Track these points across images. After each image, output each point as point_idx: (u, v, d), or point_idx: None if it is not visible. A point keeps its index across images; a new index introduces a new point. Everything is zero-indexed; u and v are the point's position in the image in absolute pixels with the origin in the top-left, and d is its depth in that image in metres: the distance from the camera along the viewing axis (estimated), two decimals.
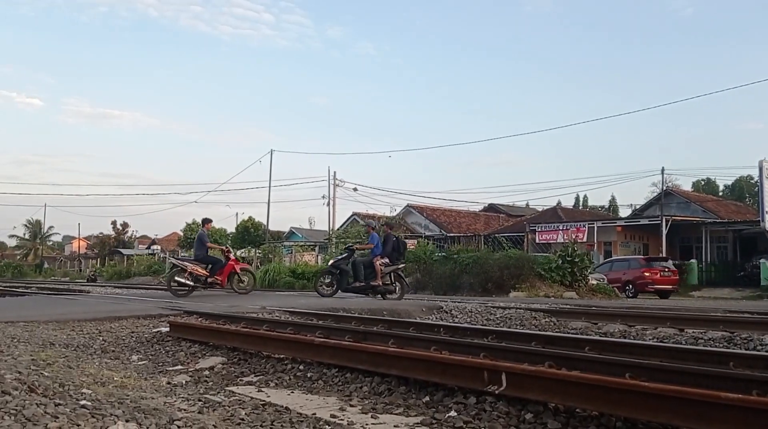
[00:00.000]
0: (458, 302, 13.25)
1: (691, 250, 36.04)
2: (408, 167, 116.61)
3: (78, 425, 3.08)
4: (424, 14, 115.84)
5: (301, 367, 5.36)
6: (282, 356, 5.75)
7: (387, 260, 15.53)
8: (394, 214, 35.84)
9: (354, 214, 43.11)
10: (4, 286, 26.70)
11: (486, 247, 29.20)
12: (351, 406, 4.24)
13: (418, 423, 3.78)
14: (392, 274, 15.62)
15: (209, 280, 15.50)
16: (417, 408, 4.15)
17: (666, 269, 27.80)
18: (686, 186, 60.16)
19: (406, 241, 28.95)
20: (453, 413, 3.95)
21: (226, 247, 17.67)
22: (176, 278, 15.54)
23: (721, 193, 63.70)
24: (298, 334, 6.21)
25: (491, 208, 54.95)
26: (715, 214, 40.81)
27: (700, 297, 27.28)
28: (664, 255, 32.26)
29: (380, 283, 15.24)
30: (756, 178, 27.66)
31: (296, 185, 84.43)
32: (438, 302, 12.92)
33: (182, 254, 40.25)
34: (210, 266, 15.65)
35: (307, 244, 41.30)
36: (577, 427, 3.53)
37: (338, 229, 38.04)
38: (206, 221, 17.38)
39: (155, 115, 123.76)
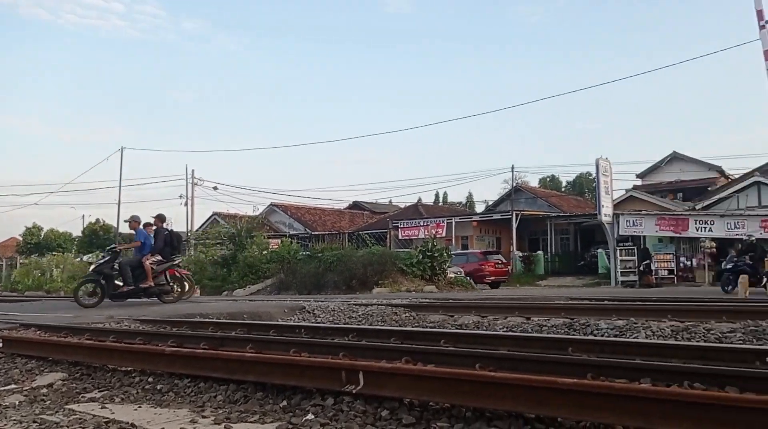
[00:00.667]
0: (322, 301, 13.22)
1: (539, 242, 38.53)
2: (272, 165, 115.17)
3: None
4: (285, 8, 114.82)
5: (150, 380, 5.06)
6: (130, 369, 5.41)
7: (159, 257, 14.21)
8: (257, 213, 35.06)
9: (215, 213, 41.75)
10: None
11: (350, 244, 29.43)
12: (203, 417, 4.05)
13: None
14: (167, 272, 14.31)
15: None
16: (273, 414, 4.05)
17: (499, 262, 29.76)
18: (534, 182, 64.26)
19: (269, 240, 28.52)
20: (310, 416, 3.90)
21: None
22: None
23: (563, 189, 68.57)
24: (147, 345, 5.87)
25: (356, 205, 55.56)
26: (559, 208, 43.87)
27: (546, 286, 29.24)
28: (515, 247, 34.26)
29: (152, 284, 13.93)
30: (594, 175, 29.99)
31: (150, 184, 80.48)
32: (301, 302, 12.81)
33: (22, 261, 37.17)
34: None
35: None
36: (430, 420, 3.60)
37: (197, 230, 36.66)
38: None
39: None
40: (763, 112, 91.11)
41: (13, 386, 5.51)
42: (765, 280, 18.06)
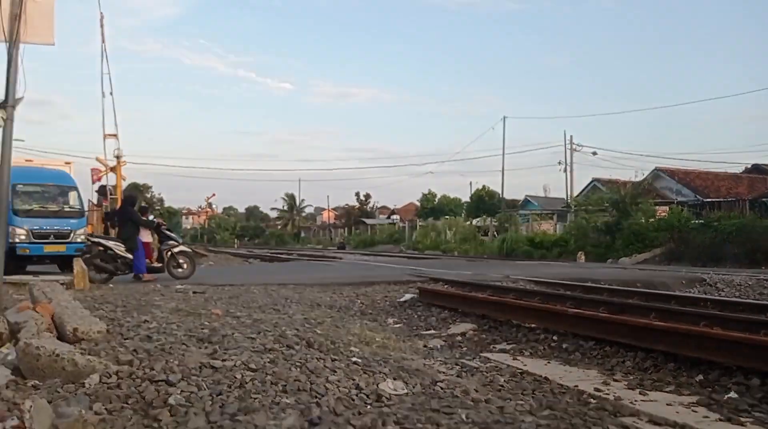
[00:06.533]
0: (723, 274, 11.96)
1: None
2: (655, 127, 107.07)
3: (353, 379, 3.31)
4: None
5: (554, 338, 5.23)
6: (533, 326, 5.67)
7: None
8: (641, 178, 33.16)
9: (594, 179, 40.83)
10: (272, 253, 30.20)
11: (752, 213, 25.93)
12: (615, 380, 4.03)
13: (693, 402, 3.48)
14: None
15: None
16: (689, 386, 3.82)
17: None
18: None
19: (655, 208, 26.82)
20: (733, 394, 3.58)
21: None
22: None
23: None
24: (548, 304, 6.07)
25: (755, 169, 48.58)
26: None
27: None
28: None
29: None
30: None
31: (530, 152, 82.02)
32: (699, 274, 11.82)
33: (420, 223, 41.67)
34: None
35: (544, 212, 40.30)
36: None
37: (577, 196, 36.43)
38: None
39: (390, 90, 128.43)
40: None
41: (432, 331, 6.28)
42: None
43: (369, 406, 2.87)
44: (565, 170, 36.84)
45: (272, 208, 78.50)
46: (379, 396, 3.04)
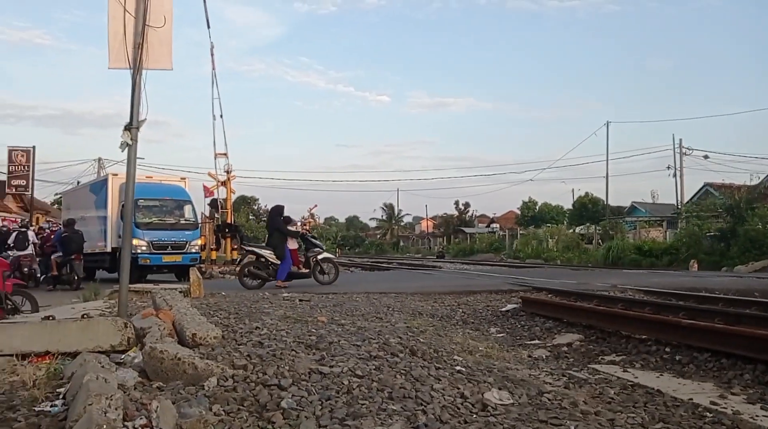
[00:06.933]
0: None
1: None
2: None
3: (458, 388, 3.33)
4: None
5: (667, 350, 5.02)
6: (643, 337, 5.46)
7: None
8: (756, 182, 31.08)
9: (706, 184, 38.59)
10: (372, 262, 30.58)
11: None
12: (732, 394, 3.84)
13: None
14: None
15: None
16: None
17: None
18: None
19: None
20: None
21: None
22: None
23: None
24: (660, 314, 5.83)
25: None
26: None
27: None
28: None
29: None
30: None
31: (636, 157, 78.57)
32: None
33: (521, 232, 40.92)
34: None
35: (652, 219, 38.52)
36: None
37: (687, 203, 34.58)
38: None
39: (486, 98, 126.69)
40: None
41: (537, 341, 6.18)
42: None
43: (474, 415, 2.89)
44: (675, 175, 35.02)
45: (371, 218, 79.60)
46: (485, 405, 3.05)
